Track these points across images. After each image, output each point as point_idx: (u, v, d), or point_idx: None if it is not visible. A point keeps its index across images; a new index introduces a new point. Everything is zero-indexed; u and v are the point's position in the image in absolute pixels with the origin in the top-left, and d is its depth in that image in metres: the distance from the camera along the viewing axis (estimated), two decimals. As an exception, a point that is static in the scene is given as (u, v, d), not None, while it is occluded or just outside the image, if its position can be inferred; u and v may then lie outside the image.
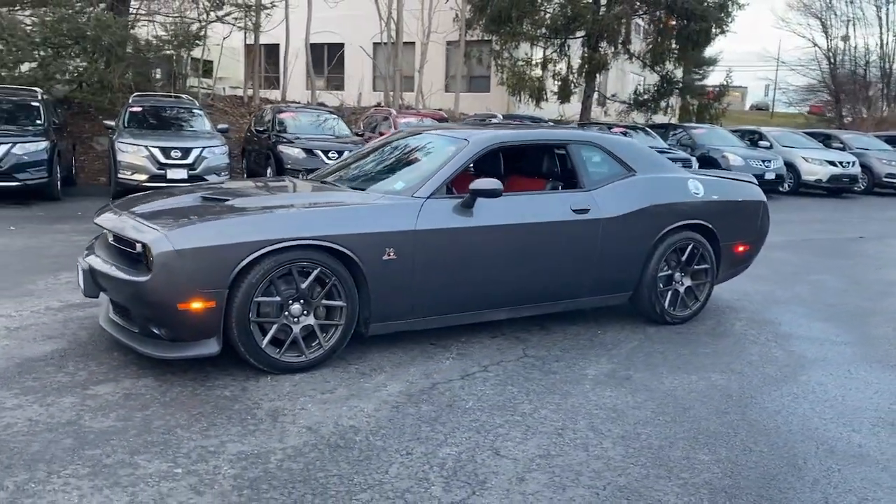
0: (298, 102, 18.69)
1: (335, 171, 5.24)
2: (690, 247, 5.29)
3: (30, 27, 14.04)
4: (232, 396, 3.66)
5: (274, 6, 17.42)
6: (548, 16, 19.95)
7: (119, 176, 10.63)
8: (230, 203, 4.15)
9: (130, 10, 16.40)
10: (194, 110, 12.65)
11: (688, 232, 5.28)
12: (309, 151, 11.86)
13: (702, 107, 20.85)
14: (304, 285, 3.93)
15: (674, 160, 14.36)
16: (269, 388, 3.79)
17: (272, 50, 23.16)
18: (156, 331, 3.81)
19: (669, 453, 3.26)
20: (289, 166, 11.69)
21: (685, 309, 5.39)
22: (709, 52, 40.51)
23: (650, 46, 20.25)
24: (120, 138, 10.87)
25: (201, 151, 10.92)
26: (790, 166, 16.85)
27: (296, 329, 3.97)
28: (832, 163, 17.03)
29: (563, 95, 20.34)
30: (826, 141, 19.37)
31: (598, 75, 20.56)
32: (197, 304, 3.69)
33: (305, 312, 4.00)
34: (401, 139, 5.42)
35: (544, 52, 20.74)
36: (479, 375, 4.12)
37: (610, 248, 4.93)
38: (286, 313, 3.94)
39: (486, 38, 21.15)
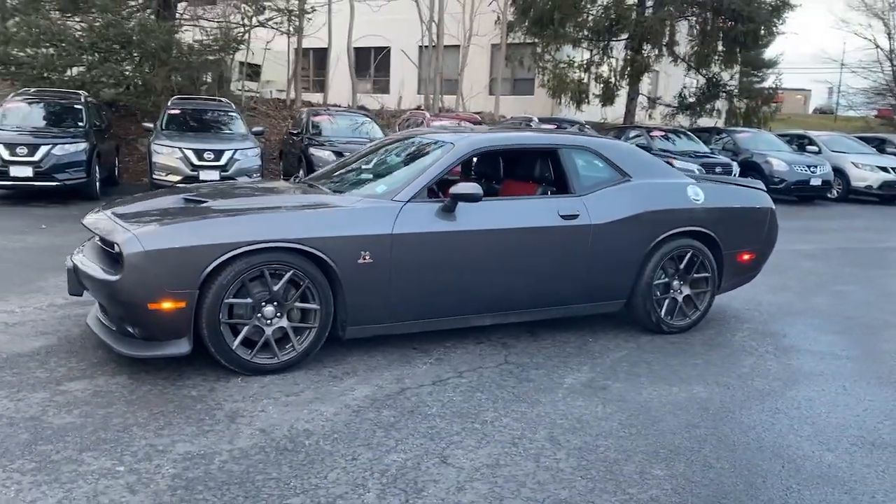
0: (339, 106, 18.89)
1: (326, 174, 5.27)
2: (689, 254, 5.15)
3: (79, 32, 14.56)
4: (198, 396, 3.70)
5: (315, 10, 17.64)
6: (591, 18, 19.69)
7: (154, 177, 10.93)
8: (207, 205, 4.21)
9: (176, 15, 16.83)
10: (231, 113, 12.90)
11: (686, 239, 5.14)
12: (339, 154, 11.95)
13: (749, 110, 20.27)
14: (276, 287, 3.96)
15: (713, 165, 14.15)
16: (237, 389, 3.82)
17: (320, 54, 23.44)
18: (130, 329, 3.90)
19: (623, 467, 3.17)
20: (319, 168, 11.82)
21: (683, 318, 5.25)
22: (768, 53, 39.35)
23: (694, 49, 19.79)
24: (156, 140, 11.18)
25: (234, 153, 11.12)
26: (839, 172, 16.27)
27: (268, 331, 4.00)
28: (884, 168, 16.37)
29: (606, 98, 20.05)
30: (880, 146, 18.63)
31: (643, 77, 20.19)
32: (167, 305, 3.75)
33: (279, 314, 4.02)
34: (393, 142, 5.43)
35: (591, 54, 20.48)
36: (452, 381, 4.08)
37: (601, 255, 4.84)
38: (259, 315, 3.97)
39: (529, 41, 21.00)
